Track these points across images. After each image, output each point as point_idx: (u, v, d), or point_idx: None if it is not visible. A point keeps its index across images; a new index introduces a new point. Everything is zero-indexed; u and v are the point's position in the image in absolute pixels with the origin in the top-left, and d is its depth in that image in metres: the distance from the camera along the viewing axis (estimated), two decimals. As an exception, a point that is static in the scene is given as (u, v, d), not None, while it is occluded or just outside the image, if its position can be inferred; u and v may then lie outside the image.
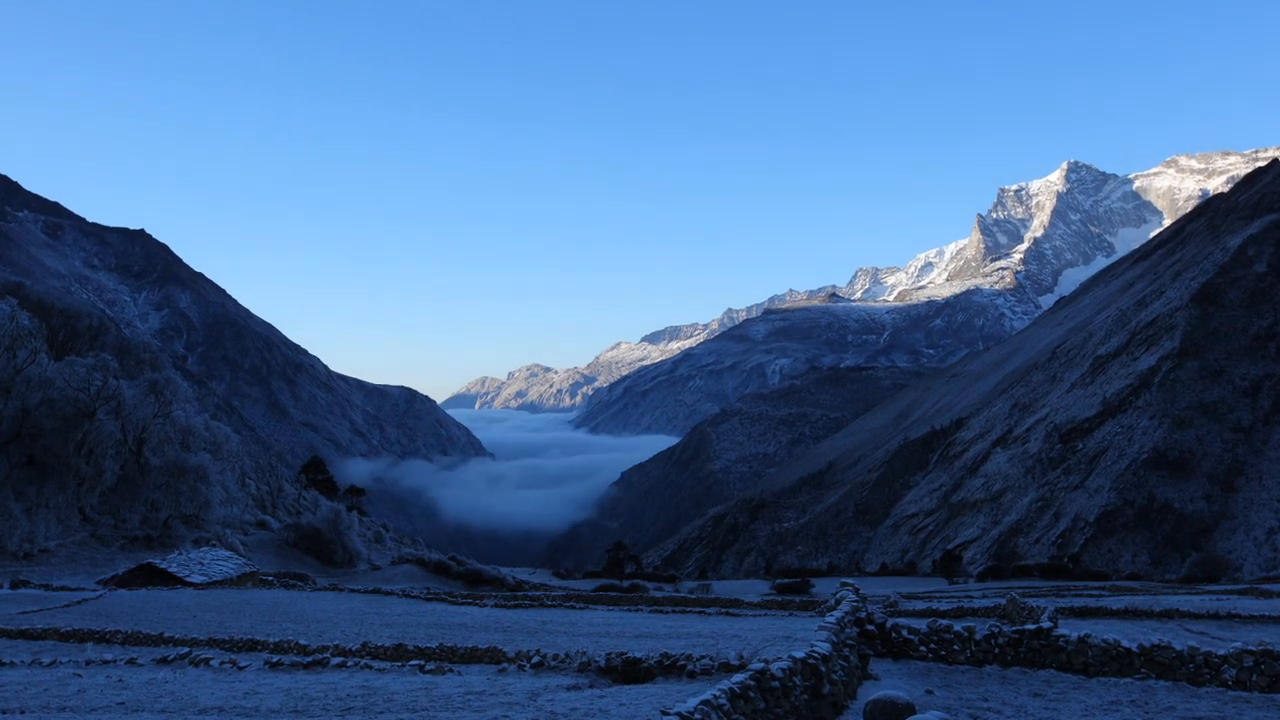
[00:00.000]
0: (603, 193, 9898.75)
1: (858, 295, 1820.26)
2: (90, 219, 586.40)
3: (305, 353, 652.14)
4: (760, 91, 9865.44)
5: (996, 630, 25.36)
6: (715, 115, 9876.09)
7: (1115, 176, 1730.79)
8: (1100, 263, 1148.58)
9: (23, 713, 19.36)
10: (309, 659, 26.22)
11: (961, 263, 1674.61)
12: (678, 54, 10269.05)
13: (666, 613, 55.74)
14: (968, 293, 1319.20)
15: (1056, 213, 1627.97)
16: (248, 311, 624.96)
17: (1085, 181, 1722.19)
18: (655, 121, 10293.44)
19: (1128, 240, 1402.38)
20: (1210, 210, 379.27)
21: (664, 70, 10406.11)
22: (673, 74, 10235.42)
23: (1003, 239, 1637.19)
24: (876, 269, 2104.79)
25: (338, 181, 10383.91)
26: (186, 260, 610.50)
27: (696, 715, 14.04)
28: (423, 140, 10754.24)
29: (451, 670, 25.34)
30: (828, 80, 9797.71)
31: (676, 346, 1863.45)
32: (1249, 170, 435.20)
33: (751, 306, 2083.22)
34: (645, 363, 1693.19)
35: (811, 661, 18.31)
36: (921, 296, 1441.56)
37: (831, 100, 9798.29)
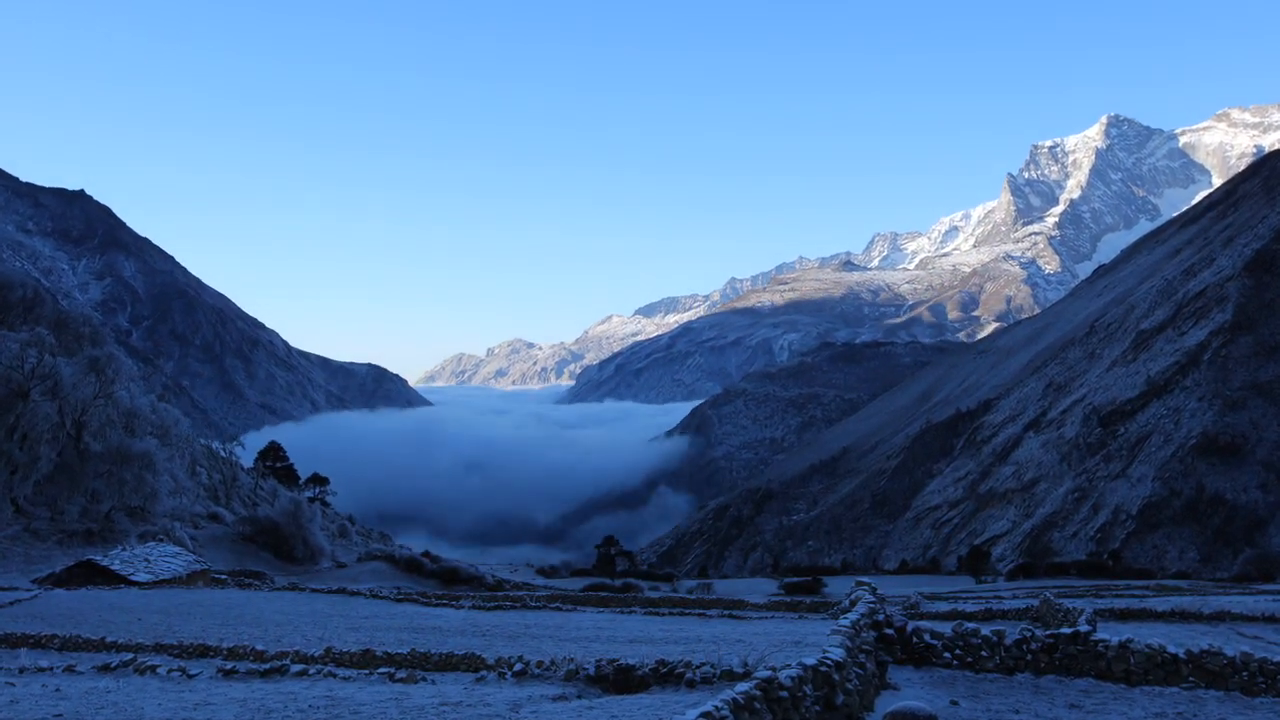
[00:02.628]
0: (592, 152, 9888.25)
1: (875, 263, 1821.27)
2: (24, 178, 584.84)
3: (263, 327, 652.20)
4: (766, 42, 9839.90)
5: (1029, 634, 25.35)
6: (716, 68, 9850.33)
7: (1160, 132, 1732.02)
8: (1143, 227, 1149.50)
9: (-52, 726, 19.31)
10: (267, 666, 26.16)
11: (990, 227, 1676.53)
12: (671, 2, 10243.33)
13: (663, 615, 55.86)
14: (997, 260, 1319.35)
15: (1095, 172, 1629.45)
16: (199, 281, 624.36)
17: (1127, 137, 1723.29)
18: (648, 74, 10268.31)
19: (1174, 202, 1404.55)
20: (1266, 169, 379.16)
21: (658, 18, 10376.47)
22: (669, 22, 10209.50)
23: (1036, 201, 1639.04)
24: (896, 234, 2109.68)
25: (302, 140, 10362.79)
26: (131, 224, 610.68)
27: (696, 729, 13.99)
28: (396, 96, 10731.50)
29: (424, 679, 25.32)
30: (841, 27, 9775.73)
31: (674, 320, 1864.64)
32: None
33: (757, 276, 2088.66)
34: (639, 338, 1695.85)
35: (824, 669, 18.27)
36: (946, 264, 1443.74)
37: (845, 50, 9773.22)
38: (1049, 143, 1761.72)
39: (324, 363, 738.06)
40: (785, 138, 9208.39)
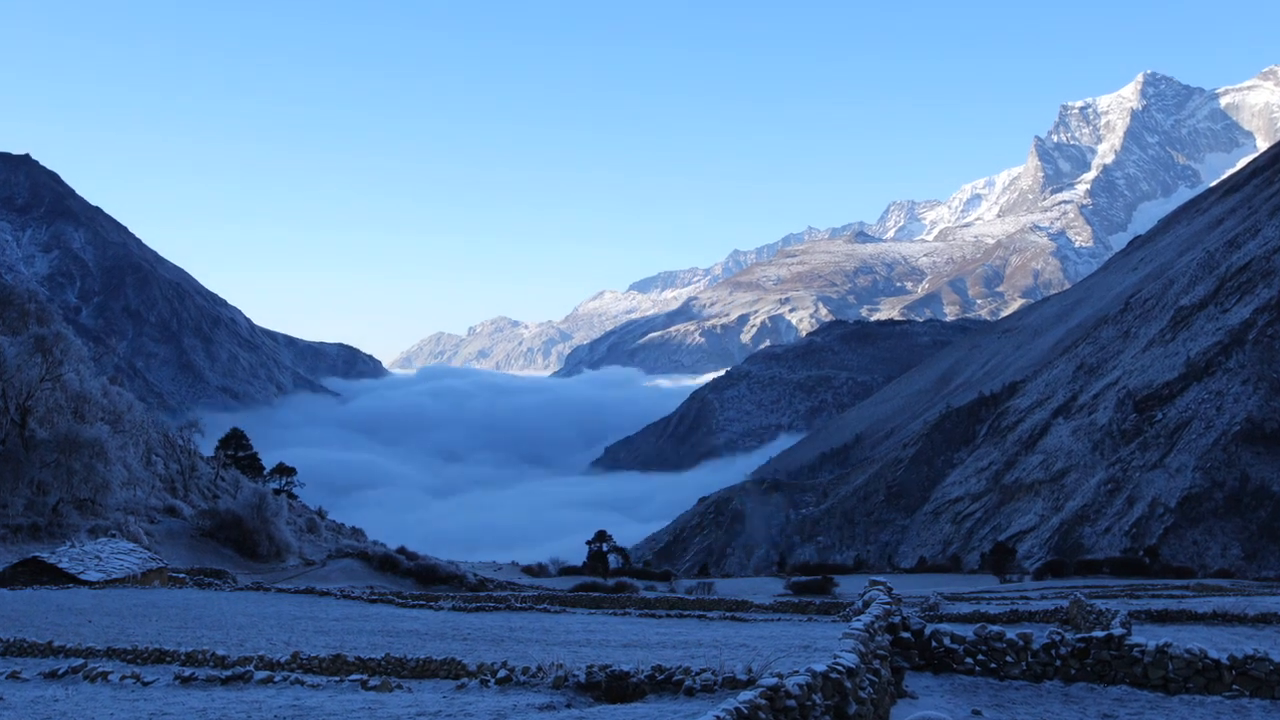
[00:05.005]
0: (583, 114, 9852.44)
1: (890, 234, 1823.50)
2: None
3: (224, 303, 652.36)
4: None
5: (1058, 638, 25.36)
6: (717, 22, 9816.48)
7: (1201, 91, 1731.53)
8: (1183, 194, 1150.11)
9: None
10: (228, 673, 26.16)
11: (1016, 195, 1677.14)
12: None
13: (659, 617, 55.95)
14: (1023, 231, 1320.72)
15: (1130, 134, 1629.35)
16: (155, 254, 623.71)
17: (1165, 97, 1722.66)
18: (645, 29, 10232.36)
19: (1215, 167, 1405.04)
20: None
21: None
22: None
23: (1065, 166, 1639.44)
24: (913, 203, 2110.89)
25: (265, 101, 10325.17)
26: (80, 192, 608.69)
27: (696, 741, 13.99)
28: (369, 52, 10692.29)
29: (400, 686, 25.33)
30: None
31: (672, 296, 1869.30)
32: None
33: (763, 248, 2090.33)
34: (634, 315, 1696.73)
35: (835, 676, 18.24)
36: (967, 236, 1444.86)
37: (855, 2, 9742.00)
38: (1080, 103, 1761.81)
39: (291, 342, 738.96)
40: (792, 98, 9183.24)
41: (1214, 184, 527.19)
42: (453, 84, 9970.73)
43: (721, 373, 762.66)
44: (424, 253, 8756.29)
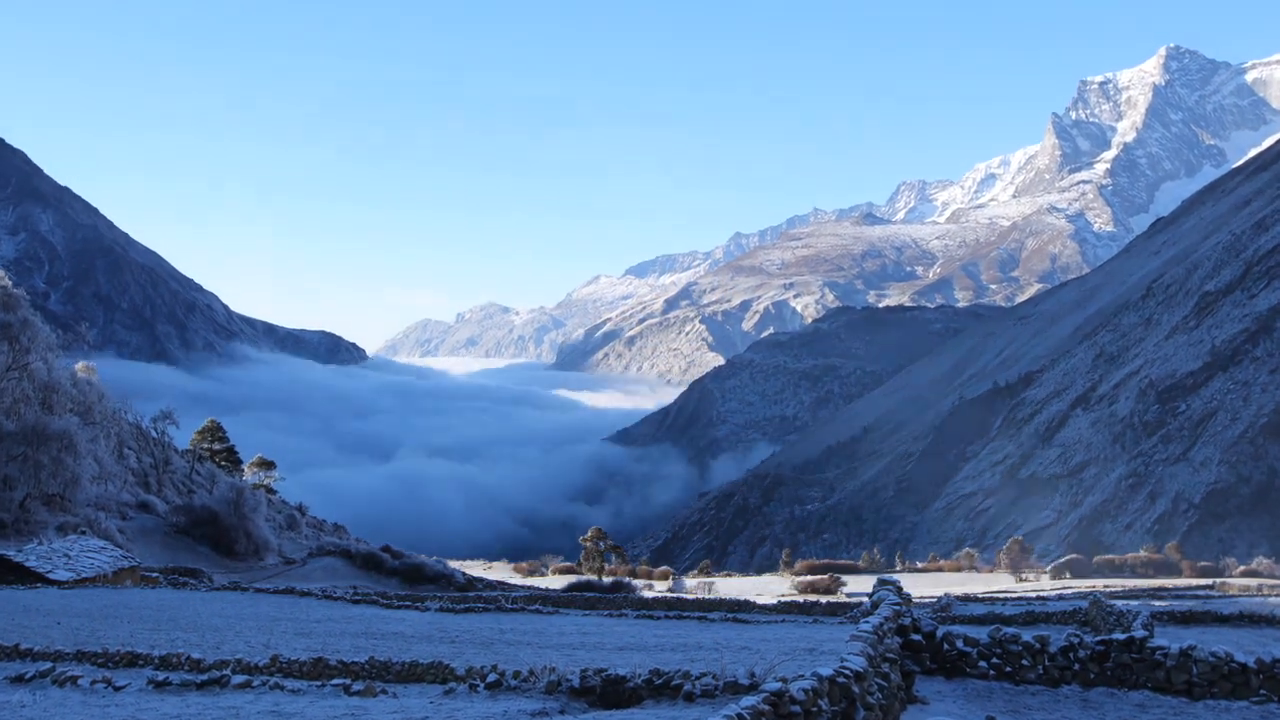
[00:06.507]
0: (578, 91, 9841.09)
1: (900, 216, 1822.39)
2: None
3: (200, 289, 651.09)
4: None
5: (1076, 641, 25.33)
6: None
7: (1227, 65, 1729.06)
8: (1208, 174, 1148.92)
9: None
10: (204, 677, 26.11)
11: (1032, 174, 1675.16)
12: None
13: (658, 618, 55.98)
14: (1040, 213, 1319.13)
15: (1152, 111, 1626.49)
16: (126, 237, 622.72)
17: (1189, 72, 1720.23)
18: (640, 5, 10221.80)
19: (1242, 146, 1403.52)
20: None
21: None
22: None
23: (1084, 144, 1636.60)
24: (924, 183, 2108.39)
25: (244, 81, 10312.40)
26: (49, 172, 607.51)
27: (696, 749, 13.97)
28: (354, 29, 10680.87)
29: (384, 691, 25.27)
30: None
31: (671, 281, 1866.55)
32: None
33: (766, 231, 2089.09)
34: (631, 301, 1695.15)
35: (842, 681, 18.21)
36: (981, 218, 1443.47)
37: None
38: (1099, 78, 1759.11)
39: (270, 330, 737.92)
40: (796, 74, 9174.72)
41: (1240, 163, 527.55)
42: (445, 64, 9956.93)
43: (723, 361, 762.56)
44: (411, 235, 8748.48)
